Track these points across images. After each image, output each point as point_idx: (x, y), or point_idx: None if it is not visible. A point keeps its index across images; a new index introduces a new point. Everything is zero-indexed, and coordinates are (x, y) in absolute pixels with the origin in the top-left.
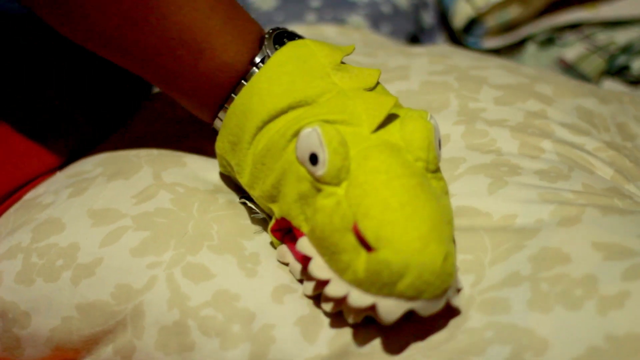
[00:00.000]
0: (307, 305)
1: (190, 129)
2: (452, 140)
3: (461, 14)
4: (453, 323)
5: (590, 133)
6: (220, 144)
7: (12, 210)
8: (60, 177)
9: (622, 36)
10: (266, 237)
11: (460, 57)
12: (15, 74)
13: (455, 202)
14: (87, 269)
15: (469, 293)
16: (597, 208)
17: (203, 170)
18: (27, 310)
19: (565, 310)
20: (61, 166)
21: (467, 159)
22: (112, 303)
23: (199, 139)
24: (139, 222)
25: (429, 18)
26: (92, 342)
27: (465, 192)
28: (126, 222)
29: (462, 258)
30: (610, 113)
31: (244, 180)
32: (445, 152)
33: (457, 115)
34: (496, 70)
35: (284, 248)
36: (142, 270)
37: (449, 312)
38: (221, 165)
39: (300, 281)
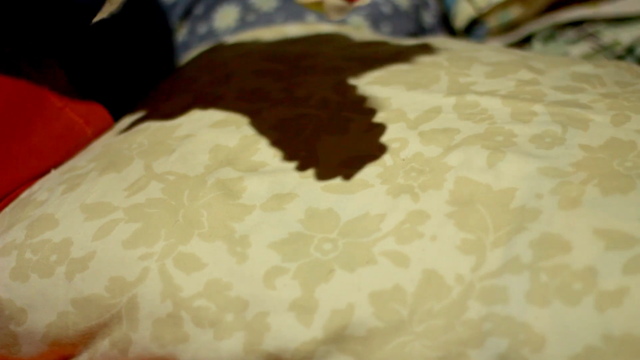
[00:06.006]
0: (299, 286)
1: (180, 119)
2: (444, 112)
3: (462, 14)
4: (452, 314)
5: (584, 90)
6: None
7: (7, 209)
8: (54, 174)
9: (626, 35)
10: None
11: (453, 43)
12: None
13: (454, 174)
14: (81, 263)
15: (469, 278)
16: (598, 187)
17: (192, 154)
18: (22, 307)
19: (564, 306)
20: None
21: (461, 129)
22: (106, 296)
23: (189, 127)
24: (130, 213)
25: (429, 18)
26: (89, 336)
27: (464, 165)
28: (118, 214)
29: (463, 236)
30: (607, 73)
31: None
32: (438, 124)
33: (447, 89)
34: (488, 51)
35: None
36: (135, 262)
37: None
38: None
39: None
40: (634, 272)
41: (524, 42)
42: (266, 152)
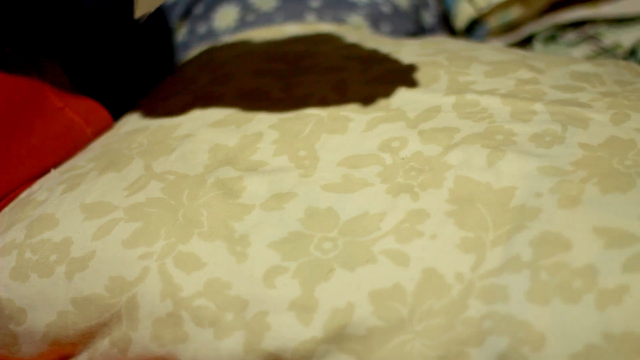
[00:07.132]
0: (299, 285)
1: (180, 119)
2: (444, 111)
3: (463, 14)
4: (452, 312)
5: (584, 89)
6: None
7: (7, 209)
8: (54, 174)
9: (627, 37)
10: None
11: (452, 43)
12: None
13: (454, 173)
14: (81, 262)
15: (469, 277)
16: (597, 185)
17: (192, 153)
18: (22, 307)
19: (564, 304)
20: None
21: (461, 128)
22: (106, 296)
23: (189, 127)
24: (130, 213)
25: (429, 18)
26: (89, 335)
27: (464, 164)
28: (118, 214)
29: (463, 235)
30: (606, 72)
31: None
32: (438, 123)
33: (446, 88)
34: (487, 50)
35: None
36: (135, 261)
37: None
38: None
39: None
40: (634, 270)
41: (525, 44)
42: (266, 152)
